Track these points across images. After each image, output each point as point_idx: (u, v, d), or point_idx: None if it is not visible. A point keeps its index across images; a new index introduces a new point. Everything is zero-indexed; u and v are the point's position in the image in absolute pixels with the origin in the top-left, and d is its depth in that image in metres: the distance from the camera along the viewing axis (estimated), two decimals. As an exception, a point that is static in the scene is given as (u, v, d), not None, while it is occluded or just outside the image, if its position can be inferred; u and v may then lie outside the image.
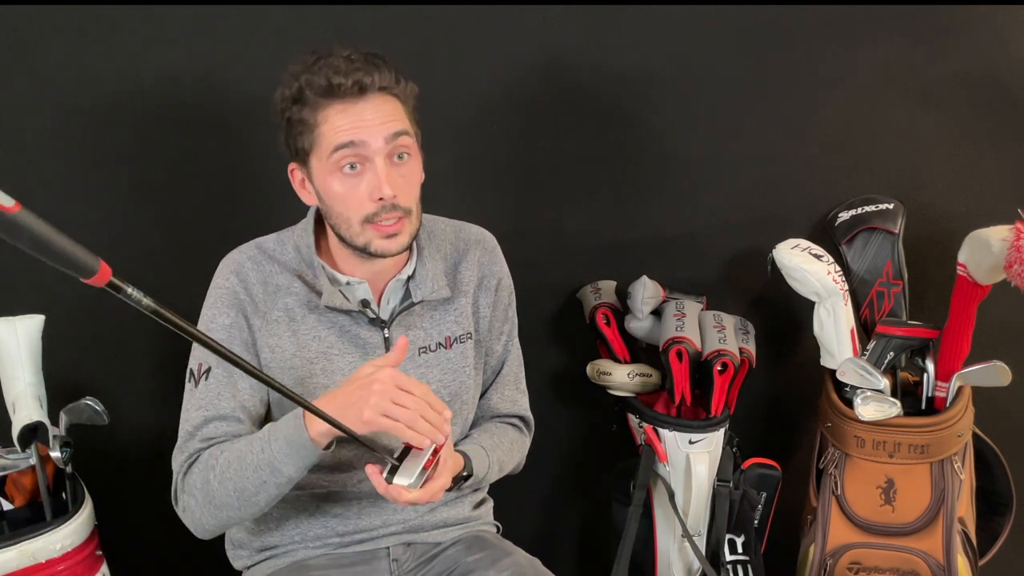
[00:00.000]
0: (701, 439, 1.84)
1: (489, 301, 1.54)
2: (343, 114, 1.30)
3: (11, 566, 1.49)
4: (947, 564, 1.85)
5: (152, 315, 1.04)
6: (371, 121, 1.30)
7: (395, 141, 1.32)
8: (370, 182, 1.31)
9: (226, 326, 1.40)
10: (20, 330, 1.61)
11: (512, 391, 1.61)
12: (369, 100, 1.31)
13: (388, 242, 1.35)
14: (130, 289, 1.02)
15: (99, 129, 1.74)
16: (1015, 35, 1.98)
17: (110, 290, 1.01)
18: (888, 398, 1.79)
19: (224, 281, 1.42)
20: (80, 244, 0.97)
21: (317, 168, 1.34)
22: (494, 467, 1.50)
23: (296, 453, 1.28)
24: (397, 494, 1.27)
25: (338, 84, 1.28)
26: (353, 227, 1.35)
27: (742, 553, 1.93)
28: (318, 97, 1.30)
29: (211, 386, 1.39)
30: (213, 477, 1.34)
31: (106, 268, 1.00)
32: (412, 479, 1.26)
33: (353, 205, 1.33)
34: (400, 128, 1.33)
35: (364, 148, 1.31)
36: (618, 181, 2.00)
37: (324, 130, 1.31)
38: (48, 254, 0.95)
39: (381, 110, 1.31)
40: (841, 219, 2.00)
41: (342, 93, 1.29)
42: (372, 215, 1.33)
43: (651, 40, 1.91)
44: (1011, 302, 1.79)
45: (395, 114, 1.33)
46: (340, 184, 1.33)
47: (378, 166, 1.31)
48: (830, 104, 1.99)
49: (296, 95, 1.32)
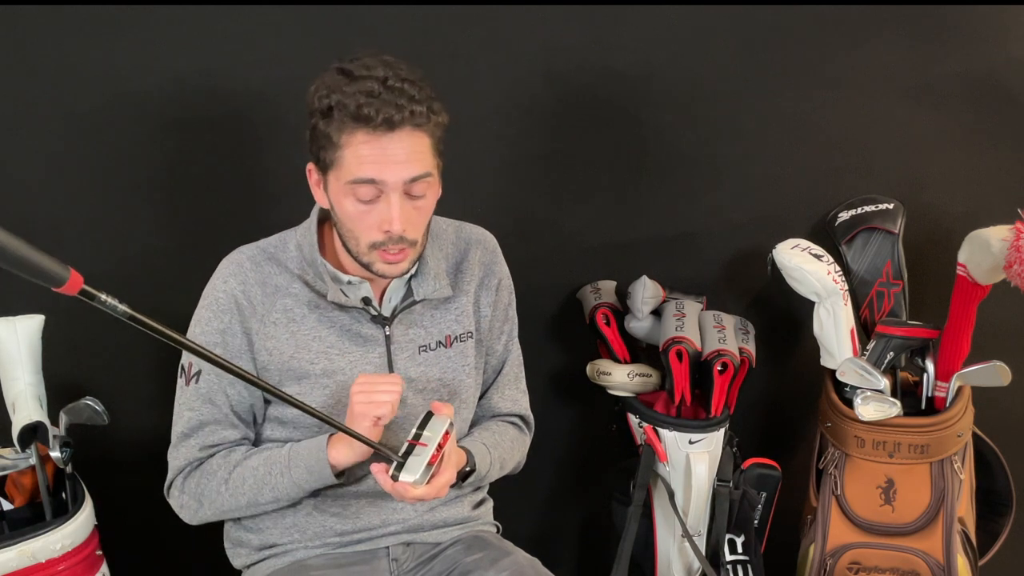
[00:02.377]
0: (701, 439, 1.84)
1: (490, 300, 1.54)
2: (367, 145, 1.27)
3: (11, 566, 1.49)
4: (947, 564, 1.85)
5: (130, 321, 1.05)
6: (394, 158, 1.28)
7: (413, 184, 1.31)
8: (381, 214, 1.31)
9: (219, 330, 1.42)
10: (20, 330, 1.60)
11: (512, 391, 1.61)
12: (395, 136, 1.27)
13: (390, 267, 1.37)
14: (104, 296, 1.03)
15: (100, 129, 1.74)
16: (1015, 35, 1.98)
17: (83, 298, 1.02)
18: (888, 398, 1.79)
19: (222, 284, 1.43)
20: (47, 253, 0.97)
21: (333, 185, 1.34)
22: (495, 464, 1.51)
23: (315, 481, 1.39)
24: (404, 491, 1.29)
25: (367, 115, 1.25)
26: (360, 247, 1.36)
27: (742, 553, 1.93)
28: (346, 119, 1.27)
29: (201, 390, 1.42)
30: (225, 489, 1.41)
31: (77, 276, 1.00)
32: (417, 475, 1.28)
33: (362, 228, 1.34)
34: (421, 172, 1.31)
35: (382, 185, 1.30)
36: (618, 181, 2.00)
37: (346, 155, 1.29)
38: (13, 265, 0.95)
39: (406, 147, 1.29)
40: (841, 219, 2.00)
41: (370, 124, 1.26)
42: (379, 243, 1.34)
43: (651, 40, 1.91)
44: (1011, 302, 1.79)
45: (419, 154, 1.30)
46: (353, 207, 1.33)
47: (392, 201, 1.30)
48: (830, 104, 1.99)
49: (325, 111, 1.29)
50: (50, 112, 1.72)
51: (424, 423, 1.34)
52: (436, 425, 1.33)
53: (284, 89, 1.75)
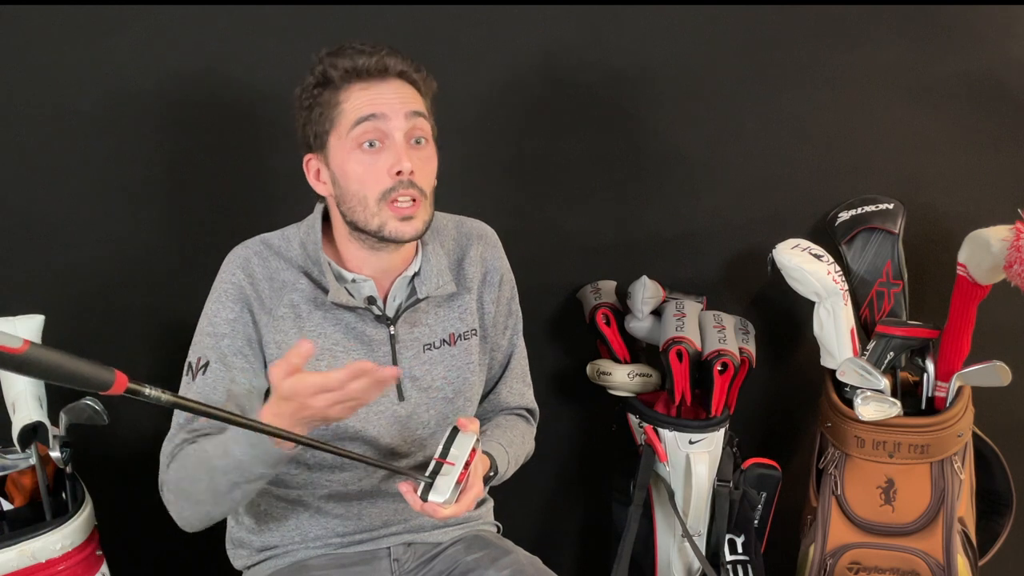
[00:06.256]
0: (701, 439, 1.84)
1: (493, 297, 1.54)
2: (365, 92, 1.34)
3: (11, 566, 1.49)
4: (947, 564, 1.85)
5: (174, 407, 1.10)
6: (392, 99, 1.35)
7: (414, 121, 1.35)
8: (389, 158, 1.34)
9: (230, 320, 1.40)
10: (20, 330, 1.60)
11: (519, 384, 1.62)
12: (390, 82, 1.35)
13: (403, 224, 1.35)
14: (147, 390, 1.04)
15: (100, 128, 1.74)
16: (1015, 35, 1.98)
17: (130, 396, 1.04)
18: (888, 398, 1.79)
19: (230, 276, 1.42)
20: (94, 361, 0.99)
21: (336, 148, 1.36)
22: (512, 463, 1.52)
23: (260, 455, 1.25)
24: (433, 511, 1.29)
25: (362, 64, 1.33)
26: (369, 206, 1.35)
27: (742, 553, 1.93)
28: (342, 78, 1.34)
29: (208, 380, 1.39)
30: (186, 476, 1.34)
31: (122, 377, 1.02)
32: (447, 495, 1.28)
33: (371, 181, 1.34)
34: (419, 108, 1.37)
35: (384, 122, 1.33)
36: (618, 181, 2.00)
37: (346, 107, 1.34)
38: (64, 379, 0.97)
39: (401, 92, 1.36)
40: (841, 219, 2.00)
41: (366, 73, 1.34)
42: (389, 190, 1.34)
43: (651, 40, 1.91)
44: (1011, 302, 1.79)
45: (414, 98, 1.37)
46: (358, 162, 1.34)
47: (397, 141, 1.34)
48: (830, 104, 1.99)
49: (320, 78, 1.35)
50: (50, 112, 1.72)
51: (450, 441, 1.32)
52: (463, 443, 1.32)
53: (284, 89, 1.73)
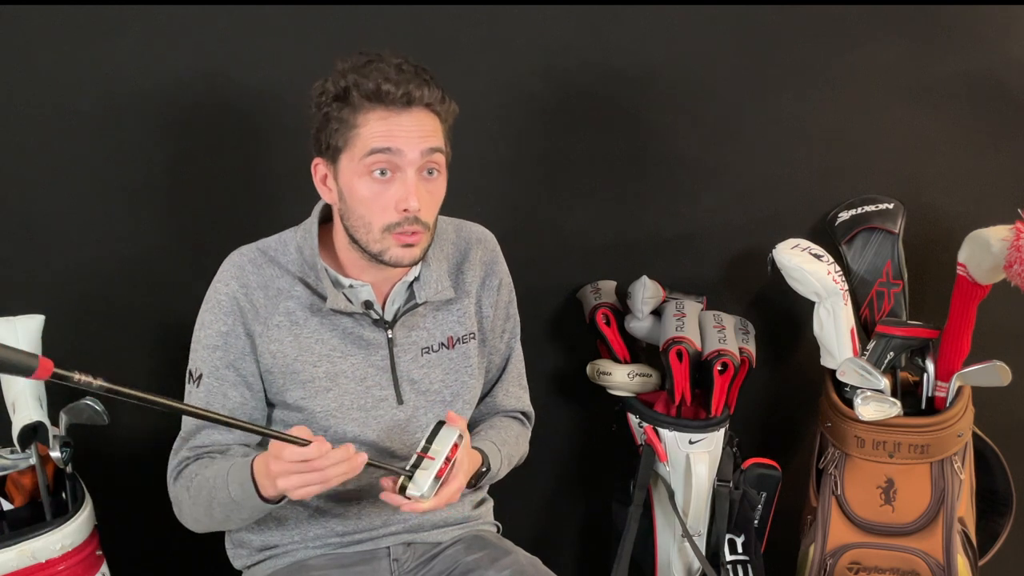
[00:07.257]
0: (701, 439, 1.84)
1: (492, 301, 1.54)
2: (384, 121, 1.30)
3: (11, 566, 1.49)
4: (947, 564, 1.85)
5: (107, 394, 1.08)
6: (410, 132, 1.31)
7: (429, 157, 1.33)
8: (398, 192, 1.32)
9: (222, 333, 1.41)
10: (20, 330, 1.60)
11: (516, 388, 1.63)
12: (412, 113, 1.31)
13: (404, 251, 1.35)
14: (76, 375, 1.05)
15: (100, 129, 1.74)
16: (1015, 35, 1.98)
17: (56, 380, 1.05)
18: (888, 398, 1.79)
19: (224, 287, 1.42)
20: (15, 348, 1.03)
21: (346, 168, 1.34)
22: (505, 462, 1.52)
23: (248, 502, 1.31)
24: (412, 504, 1.30)
25: (387, 91, 1.29)
26: (373, 233, 1.35)
27: (742, 553, 1.93)
28: (363, 99, 1.30)
29: (201, 394, 1.41)
30: (189, 496, 1.39)
31: (47, 362, 1.04)
32: (424, 490, 1.28)
33: (377, 211, 1.33)
34: (436, 145, 1.34)
35: (398, 156, 1.31)
36: (618, 181, 2.00)
37: (362, 132, 1.31)
38: None
39: (421, 124, 1.32)
40: (841, 219, 2.00)
41: (389, 101, 1.29)
42: (394, 224, 1.33)
43: (651, 40, 1.91)
44: (1011, 302, 1.79)
45: (434, 131, 1.34)
46: (367, 188, 1.33)
47: (408, 177, 1.32)
48: (830, 104, 1.99)
49: (341, 93, 1.31)
50: (50, 112, 1.72)
51: (433, 435, 1.33)
52: (445, 437, 1.33)
53: (284, 89, 1.75)
